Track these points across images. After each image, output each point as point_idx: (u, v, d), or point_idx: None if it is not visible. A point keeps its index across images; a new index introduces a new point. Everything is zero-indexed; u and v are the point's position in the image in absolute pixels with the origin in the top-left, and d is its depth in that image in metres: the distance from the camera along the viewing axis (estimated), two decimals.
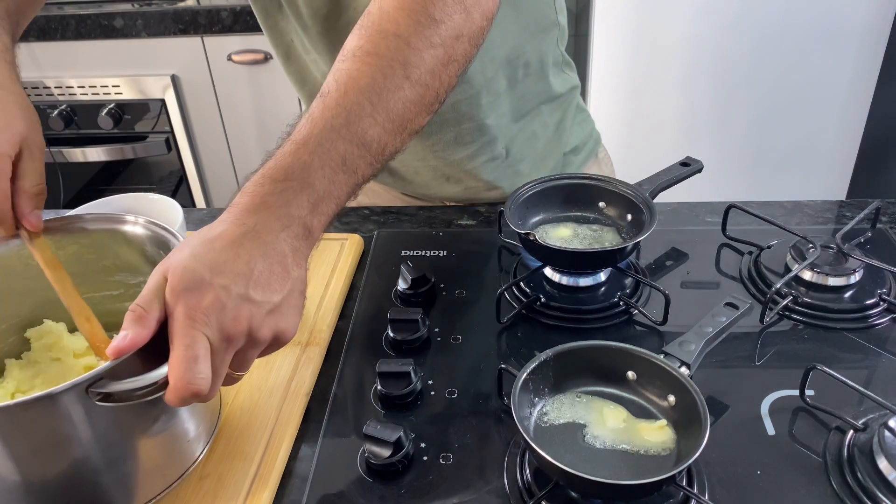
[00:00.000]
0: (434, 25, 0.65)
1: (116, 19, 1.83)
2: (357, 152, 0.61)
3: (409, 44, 0.64)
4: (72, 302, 0.68)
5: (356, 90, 0.62)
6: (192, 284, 0.53)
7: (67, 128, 1.97)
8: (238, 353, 0.56)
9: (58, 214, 0.76)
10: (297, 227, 0.58)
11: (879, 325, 0.82)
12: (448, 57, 0.66)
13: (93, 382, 0.54)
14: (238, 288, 0.54)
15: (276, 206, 0.57)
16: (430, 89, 0.65)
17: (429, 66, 0.65)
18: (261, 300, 0.55)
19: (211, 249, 0.54)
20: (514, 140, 1.05)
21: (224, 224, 0.56)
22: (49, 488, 0.60)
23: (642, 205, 0.89)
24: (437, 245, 0.98)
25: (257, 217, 0.56)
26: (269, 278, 0.56)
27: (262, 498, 0.65)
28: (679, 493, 0.63)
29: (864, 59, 2.00)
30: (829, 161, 2.17)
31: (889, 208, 1.01)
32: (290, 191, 0.58)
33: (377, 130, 0.62)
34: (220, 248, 0.54)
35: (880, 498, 0.61)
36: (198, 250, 0.54)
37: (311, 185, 0.59)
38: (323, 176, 0.59)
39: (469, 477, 0.67)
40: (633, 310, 0.84)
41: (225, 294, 0.53)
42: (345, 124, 0.60)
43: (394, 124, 0.63)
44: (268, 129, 1.98)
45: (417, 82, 0.64)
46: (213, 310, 0.53)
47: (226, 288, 0.53)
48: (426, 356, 0.80)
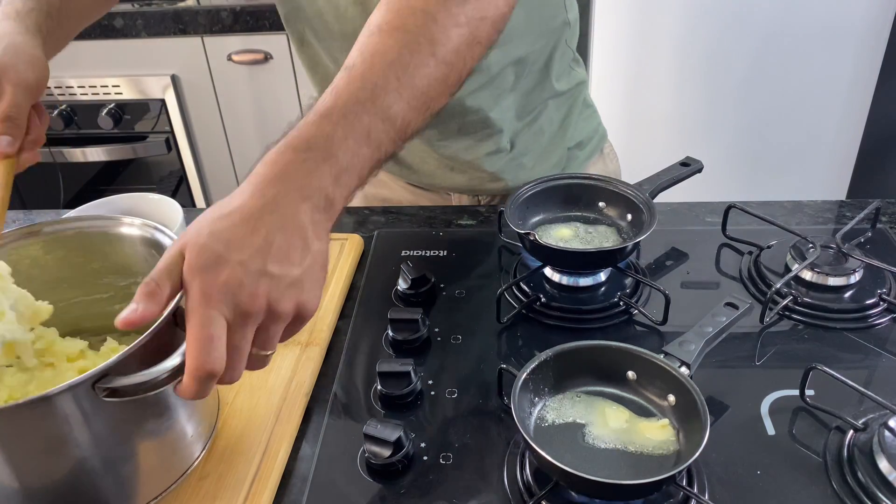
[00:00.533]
0: (461, 4, 0.64)
1: (116, 19, 1.83)
2: (381, 127, 0.59)
3: (435, 20, 0.63)
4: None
5: (383, 64, 0.60)
6: (209, 262, 0.52)
7: (67, 128, 1.97)
8: (260, 331, 0.55)
9: (57, 215, 0.76)
10: (319, 199, 0.56)
11: (879, 325, 0.82)
12: (473, 37, 0.65)
13: (99, 378, 0.54)
14: (256, 263, 0.53)
15: (297, 177, 0.56)
16: (454, 69, 0.64)
17: (454, 44, 0.64)
18: (279, 274, 0.54)
19: (229, 225, 0.54)
20: (519, 134, 1.05)
21: (243, 196, 0.55)
22: (49, 489, 0.60)
23: (642, 205, 0.89)
24: (437, 245, 0.98)
25: (277, 188, 0.55)
26: (288, 251, 0.54)
27: (262, 498, 0.65)
28: (679, 493, 0.63)
29: (864, 59, 2.00)
30: (829, 161, 2.17)
31: (889, 208, 1.01)
32: (312, 161, 0.56)
33: (402, 106, 0.61)
34: (238, 223, 0.54)
35: (880, 498, 0.61)
36: (216, 226, 0.54)
37: (335, 157, 0.57)
38: (347, 148, 0.58)
39: (469, 477, 0.67)
40: (633, 310, 0.84)
41: (242, 270, 0.52)
42: (370, 98, 0.59)
43: (418, 101, 0.62)
44: (268, 129, 1.98)
45: (442, 61, 0.63)
46: (229, 287, 0.52)
47: (243, 264, 0.52)
48: (426, 356, 0.80)
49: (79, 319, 0.76)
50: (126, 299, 0.75)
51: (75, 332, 0.76)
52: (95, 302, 0.76)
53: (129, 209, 0.88)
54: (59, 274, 0.74)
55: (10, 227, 0.75)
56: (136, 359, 0.55)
